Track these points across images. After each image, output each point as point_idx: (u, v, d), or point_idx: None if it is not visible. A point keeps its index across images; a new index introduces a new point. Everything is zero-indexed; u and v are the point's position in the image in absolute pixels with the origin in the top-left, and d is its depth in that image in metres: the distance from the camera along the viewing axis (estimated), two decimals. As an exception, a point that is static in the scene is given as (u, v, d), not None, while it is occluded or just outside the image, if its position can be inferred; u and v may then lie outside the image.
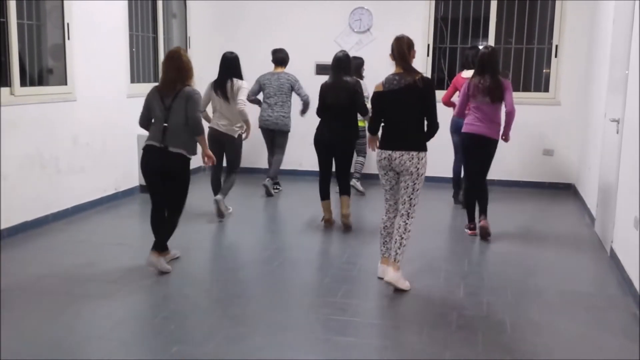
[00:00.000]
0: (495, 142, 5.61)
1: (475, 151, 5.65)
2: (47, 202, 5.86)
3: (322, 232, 5.89)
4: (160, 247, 4.66)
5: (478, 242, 5.61)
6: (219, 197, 6.12)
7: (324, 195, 5.99)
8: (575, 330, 3.79)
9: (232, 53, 6.17)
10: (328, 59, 6.42)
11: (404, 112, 4.34)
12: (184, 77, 4.61)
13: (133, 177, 7.22)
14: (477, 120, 5.56)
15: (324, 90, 5.84)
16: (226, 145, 6.13)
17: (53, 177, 5.92)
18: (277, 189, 7.59)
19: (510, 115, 5.51)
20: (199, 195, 6.52)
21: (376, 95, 4.45)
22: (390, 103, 4.36)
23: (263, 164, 7.89)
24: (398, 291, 4.28)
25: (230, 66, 6.08)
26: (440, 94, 5.63)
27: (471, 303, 4.15)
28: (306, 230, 5.96)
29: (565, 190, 7.93)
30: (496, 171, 5.86)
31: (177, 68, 4.59)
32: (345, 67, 5.84)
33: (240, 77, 6.10)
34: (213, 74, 6.19)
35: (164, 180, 4.66)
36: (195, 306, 4.09)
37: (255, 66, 7.41)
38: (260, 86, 7.24)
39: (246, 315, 3.90)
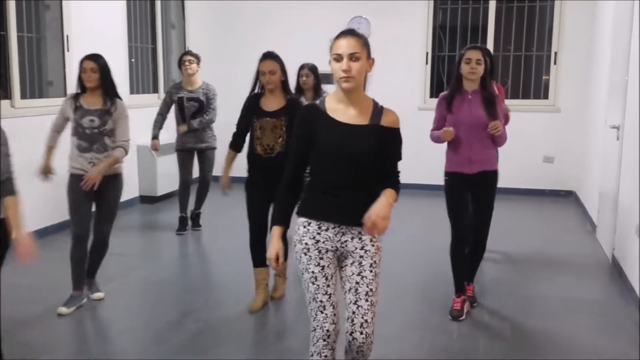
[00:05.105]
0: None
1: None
2: (48, 214, 5.85)
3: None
4: None
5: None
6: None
7: None
8: (577, 337, 3.78)
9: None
10: (327, 68, 6.38)
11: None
12: None
13: (133, 187, 7.21)
14: None
15: None
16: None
17: (53, 189, 5.90)
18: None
19: None
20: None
21: None
22: None
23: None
24: None
25: None
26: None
27: (472, 311, 4.14)
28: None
29: (566, 198, 7.91)
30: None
31: None
32: None
33: None
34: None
35: None
36: (199, 313, 4.07)
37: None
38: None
39: (251, 321, 3.89)
